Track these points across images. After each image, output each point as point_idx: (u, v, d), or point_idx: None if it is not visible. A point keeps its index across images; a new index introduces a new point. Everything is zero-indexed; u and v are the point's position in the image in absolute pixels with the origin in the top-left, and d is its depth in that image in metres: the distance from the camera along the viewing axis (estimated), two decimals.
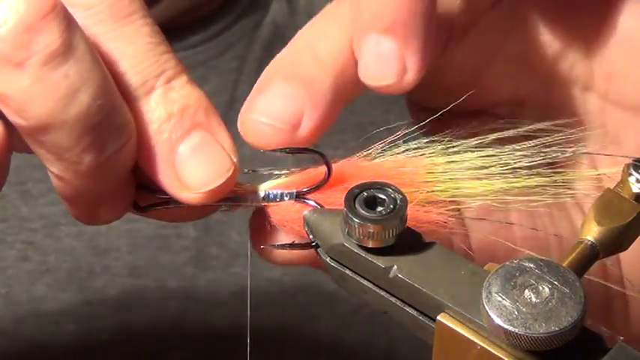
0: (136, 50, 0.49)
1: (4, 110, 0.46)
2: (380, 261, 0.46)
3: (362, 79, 0.51)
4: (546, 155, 0.52)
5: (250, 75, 0.96)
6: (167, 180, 0.50)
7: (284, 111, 0.50)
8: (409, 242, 0.46)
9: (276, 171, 0.52)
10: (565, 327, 0.41)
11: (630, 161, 0.46)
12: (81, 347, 0.88)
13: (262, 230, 0.52)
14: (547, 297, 0.42)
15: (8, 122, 0.47)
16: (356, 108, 0.89)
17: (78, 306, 0.89)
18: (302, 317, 0.90)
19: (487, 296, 0.42)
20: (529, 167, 0.52)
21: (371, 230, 0.45)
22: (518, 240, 0.56)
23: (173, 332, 0.89)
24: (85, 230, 0.88)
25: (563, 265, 0.43)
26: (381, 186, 0.46)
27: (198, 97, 0.50)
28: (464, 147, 0.51)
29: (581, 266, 0.44)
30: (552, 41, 0.55)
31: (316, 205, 0.50)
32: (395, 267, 0.45)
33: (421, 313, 0.45)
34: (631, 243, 0.46)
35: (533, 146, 0.52)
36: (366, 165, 0.51)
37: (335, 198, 0.50)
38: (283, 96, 0.50)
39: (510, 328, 0.41)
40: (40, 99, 0.45)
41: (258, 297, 0.90)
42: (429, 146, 0.52)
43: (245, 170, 0.51)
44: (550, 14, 0.55)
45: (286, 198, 0.51)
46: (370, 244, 0.46)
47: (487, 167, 0.51)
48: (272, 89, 0.50)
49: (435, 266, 0.45)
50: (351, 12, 0.51)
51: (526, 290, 0.42)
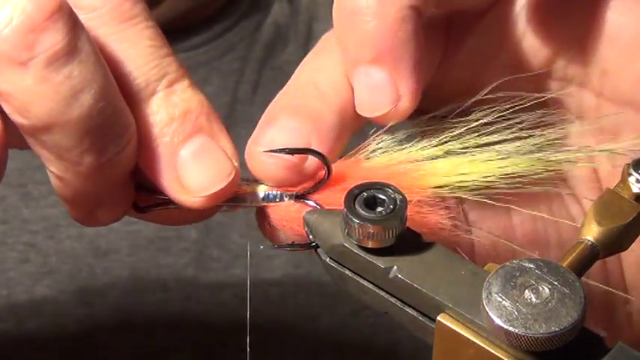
0: (138, 53, 0.48)
1: (6, 108, 0.46)
2: (380, 261, 0.46)
3: (358, 112, 0.51)
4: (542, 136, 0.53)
5: (251, 76, 0.96)
6: (168, 183, 0.50)
7: (291, 145, 0.50)
8: (409, 242, 0.46)
9: None
10: (565, 327, 0.41)
11: (630, 161, 0.46)
12: (82, 348, 0.88)
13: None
14: (547, 297, 0.42)
15: (7, 119, 0.47)
16: None
17: (79, 307, 0.89)
18: (303, 318, 0.90)
19: (487, 296, 0.42)
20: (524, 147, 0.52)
21: (371, 231, 0.45)
22: (518, 236, 0.56)
23: (174, 333, 0.89)
24: (86, 232, 0.89)
25: (563, 266, 0.43)
26: (381, 186, 0.46)
27: (199, 102, 0.50)
28: (458, 136, 0.52)
29: (581, 266, 0.44)
30: (545, 44, 0.55)
31: (316, 206, 0.50)
32: (395, 267, 0.45)
33: (421, 314, 0.45)
34: (631, 243, 0.46)
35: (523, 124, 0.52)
36: (364, 164, 0.51)
37: (334, 198, 0.50)
38: (290, 130, 0.50)
39: (510, 329, 0.41)
40: (43, 99, 0.45)
41: (258, 298, 0.90)
42: (425, 143, 0.52)
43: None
44: (540, 18, 0.55)
45: (286, 198, 0.51)
46: (370, 245, 0.46)
47: (482, 150, 0.51)
48: (278, 124, 0.50)
49: (435, 266, 0.45)
50: (339, 47, 0.51)
51: (526, 291, 0.42)
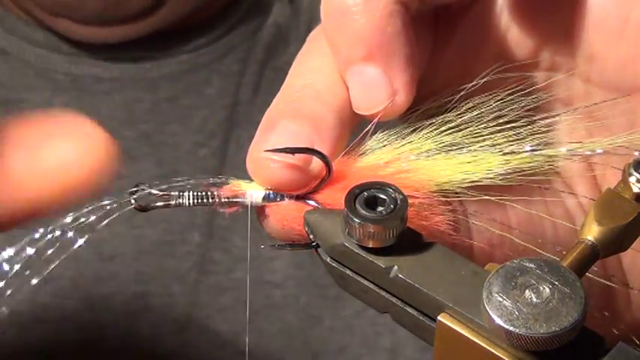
0: None
1: None
2: (380, 261, 0.46)
3: (355, 110, 0.51)
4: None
5: (252, 77, 0.96)
6: None
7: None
8: (409, 242, 0.46)
9: None
10: (565, 327, 0.41)
11: (631, 160, 0.47)
12: (85, 355, 0.88)
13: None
14: (547, 297, 0.42)
15: None
16: None
17: (83, 314, 0.89)
18: (306, 320, 0.90)
19: (488, 296, 0.42)
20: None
21: (371, 230, 0.45)
22: (514, 227, 0.56)
23: (177, 339, 0.89)
24: (90, 237, 0.89)
25: (563, 265, 0.43)
26: (382, 186, 0.46)
27: None
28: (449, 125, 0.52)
29: (581, 266, 0.44)
30: (531, 33, 0.55)
31: (316, 205, 0.50)
32: (395, 267, 0.45)
33: (421, 313, 0.45)
34: (631, 243, 0.46)
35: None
36: (364, 162, 0.51)
37: (334, 197, 0.50)
38: (291, 134, 0.50)
39: (511, 329, 0.41)
40: None
41: (260, 301, 0.90)
42: (421, 139, 0.52)
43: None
44: (523, 7, 0.54)
45: (286, 198, 0.51)
46: (371, 244, 0.46)
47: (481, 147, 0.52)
48: (278, 129, 0.50)
49: (436, 266, 0.45)
50: (330, 48, 0.51)
51: (527, 290, 0.42)
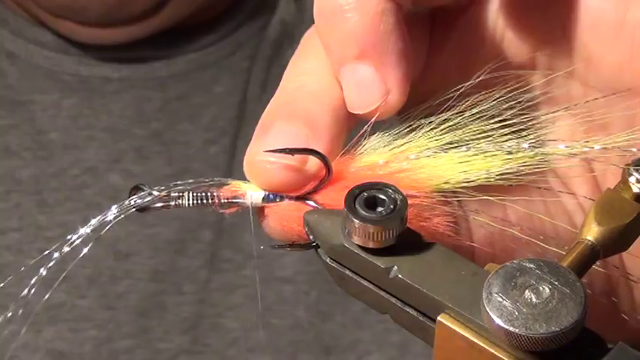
0: None
1: None
2: (380, 261, 0.46)
3: (349, 110, 0.51)
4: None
5: (260, 74, 0.97)
6: None
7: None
8: (409, 242, 0.46)
9: None
10: (565, 327, 0.41)
11: (630, 161, 0.46)
12: (100, 353, 0.88)
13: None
14: (547, 297, 0.41)
15: None
16: None
17: (98, 312, 0.90)
18: (316, 316, 0.90)
19: (487, 297, 0.42)
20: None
21: (371, 231, 0.45)
22: (514, 226, 0.56)
23: (188, 336, 0.89)
24: (105, 236, 0.90)
25: (563, 266, 0.43)
26: (381, 186, 0.46)
27: None
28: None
29: (581, 266, 0.44)
30: (528, 35, 0.55)
31: (316, 206, 0.50)
32: (395, 267, 0.45)
33: (421, 314, 0.45)
34: (631, 243, 0.46)
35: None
36: (363, 162, 0.51)
37: (334, 198, 0.50)
38: (287, 134, 0.49)
39: (511, 329, 0.41)
40: None
41: (271, 297, 0.90)
42: (420, 138, 0.52)
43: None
44: (520, 9, 0.54)
45: (286, 198, 0.51)
46: (370, 245, 0.46)
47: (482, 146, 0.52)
48: (274, 130, 0.50)
49: (435, 266, 0.45)
50: (323, 48, 0.51)
51: (526, 291, 0.42)
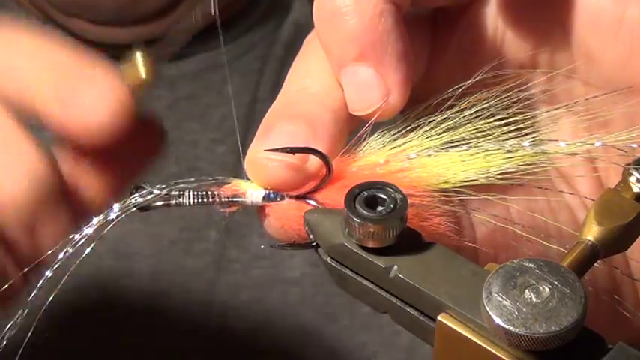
0: None
1: None
2: (380, 261, 0.46)
3: (350, 111, 0.51)
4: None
5: (272, 75, 0.96)
6: None
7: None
8: (409, 242, 0.46)
9: None
10: (565, 327, 0.41)
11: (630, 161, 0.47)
12: (103, 351, 0.88)
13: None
14: (547, 297, 0.42)
15: None
16: None
17: (101, 311, 0.89)
18: (322, 318, 0.90)
19: (487, 296, 0.42)
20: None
21: (371, 230, 0.45)
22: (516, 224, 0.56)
23: (194, 336, 0.89)
24: (106, 235, 0.89)
25: (563, 265, 0.43)
26: (382, 186, 0.46)
27: None
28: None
29: (581, 266, 0.44)
30: (528, 34, 0.55)
31: (316, 205, 0.50)
32: (395, 267, 0.45)
33: (421, 313, 0.45)
34: (631, 243, 0.46)
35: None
36: (363, 162, 0.51)
37: (334, 197, 0.50)
38: (289, 134, 0.50)
39: (511, 328, 0.41)
40: None
41: (277, 298, 0.90)
42: (420, 138, 0.52)
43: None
44: (520, 8, 0.54)
45: (286, 198, 0.51)
46: (370, 244, 0.46)
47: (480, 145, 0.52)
48: (276, 130, 0.50)
49: (435, 266, 0.45)
50: (323, 50, 0.51)
51: (526, 290, 0.42)
